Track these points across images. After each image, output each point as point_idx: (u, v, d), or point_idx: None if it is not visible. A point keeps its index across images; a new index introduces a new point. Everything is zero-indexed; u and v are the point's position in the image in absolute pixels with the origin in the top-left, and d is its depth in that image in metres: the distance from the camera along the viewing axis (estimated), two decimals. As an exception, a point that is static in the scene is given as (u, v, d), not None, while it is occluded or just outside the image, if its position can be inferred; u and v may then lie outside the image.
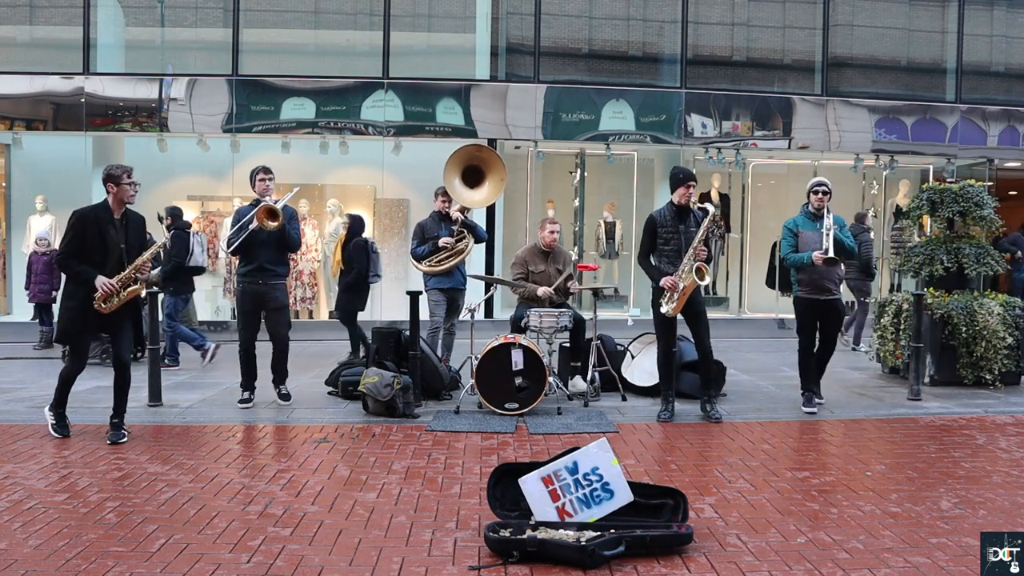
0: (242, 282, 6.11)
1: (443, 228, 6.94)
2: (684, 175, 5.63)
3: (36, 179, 11.34)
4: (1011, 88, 12.59)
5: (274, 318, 6.20)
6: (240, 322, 6.24)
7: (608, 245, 12.15)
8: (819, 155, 12.02)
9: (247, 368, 6.18)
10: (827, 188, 5.97)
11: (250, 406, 6.11)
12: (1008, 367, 6.94)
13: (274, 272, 6.10)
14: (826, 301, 5.92)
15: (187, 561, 3.21)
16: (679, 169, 5.75)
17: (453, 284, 6.97)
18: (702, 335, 5.68)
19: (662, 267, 5.63)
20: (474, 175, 6.96)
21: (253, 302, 6.11)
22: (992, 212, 7.27)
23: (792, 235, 5.97)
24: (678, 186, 5.62)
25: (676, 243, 5.59)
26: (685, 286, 5.47)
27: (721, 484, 4.24)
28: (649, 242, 5.71)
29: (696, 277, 5.42)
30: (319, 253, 11.33)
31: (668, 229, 5.63)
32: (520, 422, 5.61)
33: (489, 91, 11.33)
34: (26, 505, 3.86)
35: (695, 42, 11.83)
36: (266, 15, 11.64)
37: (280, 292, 6.21)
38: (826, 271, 5.82)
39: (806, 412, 5.95)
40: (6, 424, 5.57)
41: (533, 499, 3.47)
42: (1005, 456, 4.87)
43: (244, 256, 6.08)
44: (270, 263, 6.05)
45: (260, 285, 6.06)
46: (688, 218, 5.65)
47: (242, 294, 6.13)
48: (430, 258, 6.86)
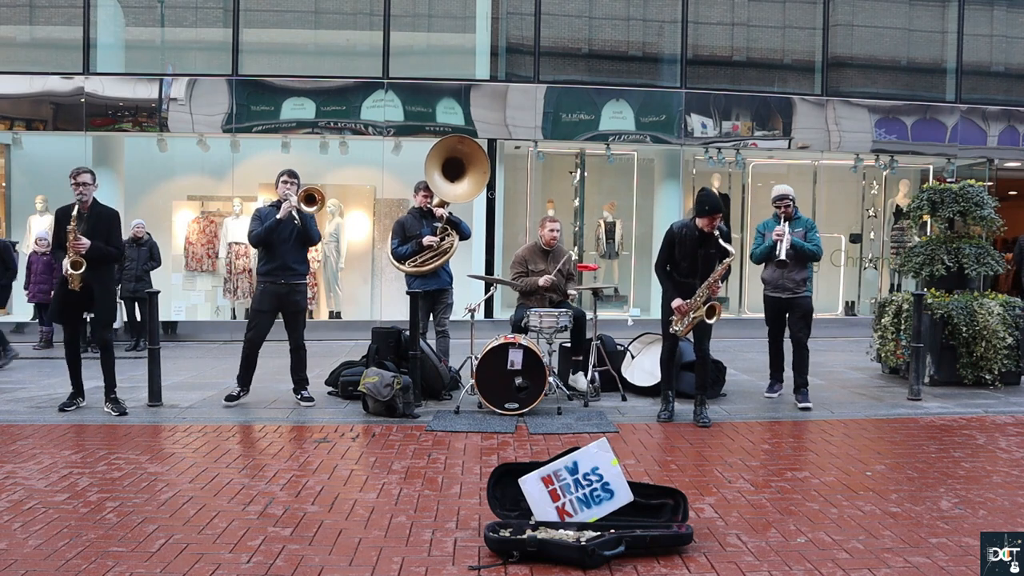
0: (263, 281, 6.07)
1: (425, 226, 6.72)
2: (711, 207, 5.45)
3: (36, 179, 11.34)
4: (1011, 88, 12.60)
5: (293, 322, 6.16)
6: (253, 320, 6.11)
7: (608, 245, 12.15)
8: (819, 155, 12.03)
9: (247, 365, 6.13)
10: (789, 201, 6.29)
11: (234, 404, 6.05)
12: (1008, 367, 6.95)
13: (296, 271, 6.06)
14: (788, 299, 6.26)
15: (187, 561, 3.21)
16: (708, 198, 5.52)
17: (439, 285, 6.74)
18: (702, 338, 5.66)
19: (676, 276, 5.61)
20: (455, 168, 6.73)
21: (272, 303, 6.07)
22: (992, 212, 7.27)
23: (760, 236, 6.41)
24: (704, 216, 5.46)
25: (692, 261, 5.55)
26: (695, 315, 5.45)
27: (721, 484, 4.24)
28: (667, 253, 5.65)
29: (706, 315, 5.37)
30: (319, 253, 11.34)
31: (687, 248, 5.54)
32: (520, 422, 5.61)
33: (489, 91, 11.33)
34: (26, 505, 3.86)
35: (695, 42, 11.84)
36: (266, 15, 11.64)
37: (301, 296, 6.20)
38: (782, 273, 6.21)
39: (765, 396, 6.53)
40: (6, 424, 5.58)
41: (533, 499, 3.47)
42: (1005, 456, 4.87)
43: (265, 253, 6.03)
44: (293, 261, 6.02)
45: (282, 285, 6.01)
46: (708, 242, 5.53)
47: (262, 294, 6.08)
48: (413, 258, 6.63)
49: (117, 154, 11.47)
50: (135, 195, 11.59)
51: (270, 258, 6.01)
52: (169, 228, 11.43)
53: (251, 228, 6.11)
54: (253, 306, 6.24)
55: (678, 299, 5.53)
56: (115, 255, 5.89)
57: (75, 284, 5.65)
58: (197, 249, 11.42)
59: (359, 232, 11.88)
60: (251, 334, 6.10)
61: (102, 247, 5.70)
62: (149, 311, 6.39)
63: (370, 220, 11.88)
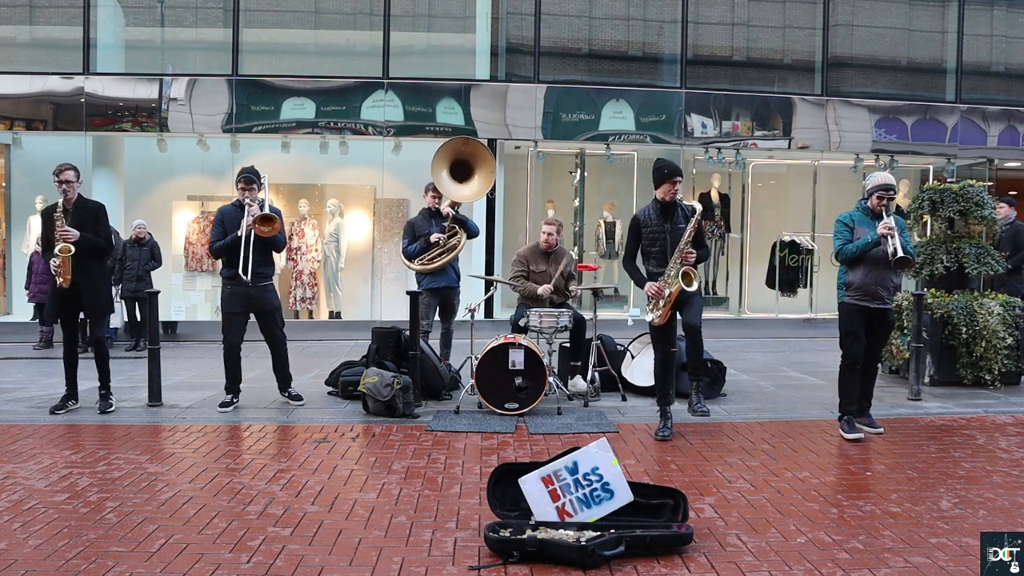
0: (229, 284, 6.02)
1: (434, 225, 6.83)
2: (669, 170, 5.10)
3: (36, 179, 11.32)
4: (1011, 88, 12.60)
5: (268, 322, 6.14)
6: (226, 325, 6.06)
7: (608, 245, 12.15)
8: (819, 155, 12.03)
9: (232, 371, 6.10)
10: (894, 192, 5.25)
11: (229, 410, 6.00)
12: (1008, 367, 6.94)
13: (261, 274, 6.02)
14: (877, 309, 5.24)
15: (187, 561, 3.20)
16: (663, 163, 5.19)
17: (447, 282, 6.86)
18: (692, 314, 5.09)
19: (650, 269, 5.26)
20: (462, 169, 6.82)
21: (242, 305, 6.04)
22: (992, 212, 7.27)
23: (847, 229, 5.24)
24: (663, 182, 5.12)
25: (662, 243, 5.14)
26: (671, 292, 5.03)
27: (721, 484, 4.24)
28: (634, 244, 5.27)
29: (683, 283, 4.95)
30: (319, 253, 11.34)
31: (653, 229, 5.16)
32: (520, 422, 5.61)
33: (489, 91, 11.33)
34: (26, 505, 3.86)
35: (695, 42, 11.84)
36: (266, 15, 11.65)
37: (271, 294, 6.16)
38: (883, 275, 5.18)
39: (849, 439, 5.19)
40: (6, 424, 5.57)
41: (533, 499, 3.47)
42: (1005, 456, 4.87)
43: (229, 258, 5.99)
44: (257, 265, 5.94)
45: (249, 287, 5.96)
46: (674, 216, 5.15)
47: (230, 296, 6.04)
48: (422, 256, 6.75)
49: (117, 154, 11.47)
50: (135, 195, 11.59)
51: (234, 262, 5.93)
52: (169, 228, 11.42)
53: (213, 235, 6.03)
54: (223, 309, 6.13)
55: (649, 283, 5.13)
56: (104, 246, 5.82)
57: (65, 275, 5.59)
58: (197, 249, 11.41)
59: (359, 232, 11.88)
60: (229, 338, 6.04)
61: (91, 237, 5.66)
62: (149, 311, 6.40)
63: (370, 220, 11.88)
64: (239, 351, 6.11)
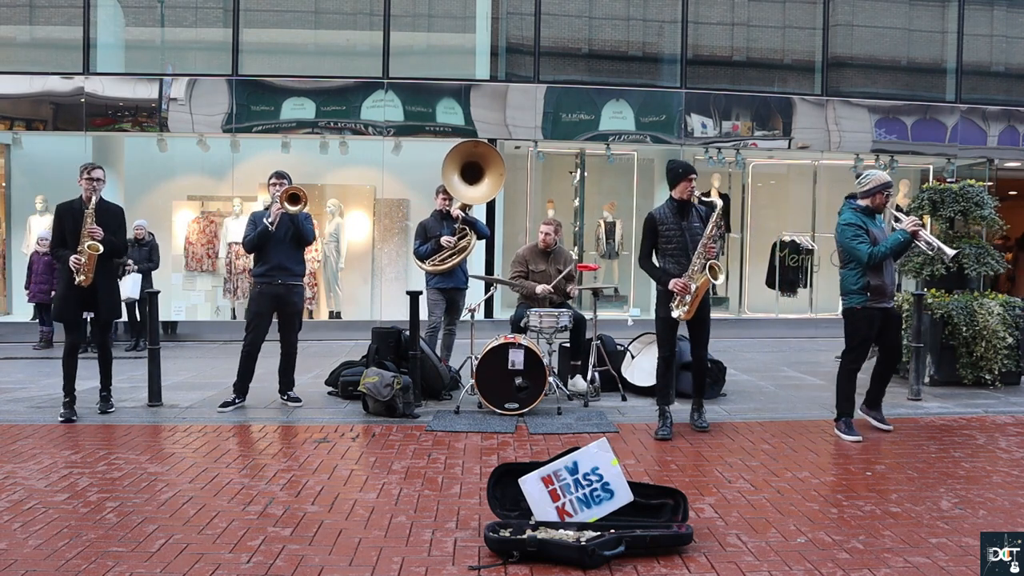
0: (260, 283, 6.04)
1: (445, 226, 6.91)
2: (684, 169, 5.24)
3: (36, 179, 11.35)
4: (1011, 88, 12.60)
5: (288, 323, 6.16)
6: (251, 323, 6.06)
7: (608, 245, 12.16)
8: (819, 155, 12.03)
9: (246, 370, 6.08)
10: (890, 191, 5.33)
11: (229, 411, 5.95)
12: (1008, 367, 6.94)
13: (292, 271, 6.03)
14: (889, 307, 5.30)
15: (187, 561, 3.20)
16: (678, 163, 5.35)
17: (455, 284, 6.93)
18: (700, 345, 5.40)
19: (666, 267, 5.31)
20: (473, 171, 6.90)
21: (270, 304, 6.04)
22: (992, 212, 7.28)
23: (864, 231, 5.12)
24: (679, 181, 5.23)
25: (680, 241, 5.23)
26: (698, 287, 5.10)
27: (721, 484, 4.24)
28: (649, 242, 5.35)
29: (710, 276, 5.05)
30: (319, 253, 11.34)
31: (670, 227, 5.25)
32: (520, 422, 5.61)
33: (489, 91, 11.33)
34: (26, 505, 3.86)
35: (695, 42, 11.84)
36: (266, 15, 11.65)
37: (298, 296, 6.19)
38: (892, 272, 5.24)
39: (850, 440, 5.17)
40: (6, 424, 5.57)
41: (533, 499, 3.47)
42: (1005, 456, 4.87)
43: (260, 255, 6.02)
44: (288, 261, 5.99)
45: (279, 286, 5.98)
46: (690, 214, 5.27)
47: (259, 295, 6.04)
48: (432, 257, 6.83)
49: (117, 154, 11.47)
50: (135, 195, 11.58)
51: (265, 259, 5.98)
52: (169, 228, 11.43)
53: (246, 233, 6.10)
54: (251, 308, 6.14)
55: (674, 279, 5.17)
56: (122, 251, 5.92)
57: (88, 273, 5.55)
58: (197, 249, 11.42)
59: (359, 232, 11.89)
60: (250, 337, 6.04)
61: (112, 239, 5.69)
62: (149, 311, 6.40)
63: (370, 220, 11.88)
64: (258, 351, 6.09)
